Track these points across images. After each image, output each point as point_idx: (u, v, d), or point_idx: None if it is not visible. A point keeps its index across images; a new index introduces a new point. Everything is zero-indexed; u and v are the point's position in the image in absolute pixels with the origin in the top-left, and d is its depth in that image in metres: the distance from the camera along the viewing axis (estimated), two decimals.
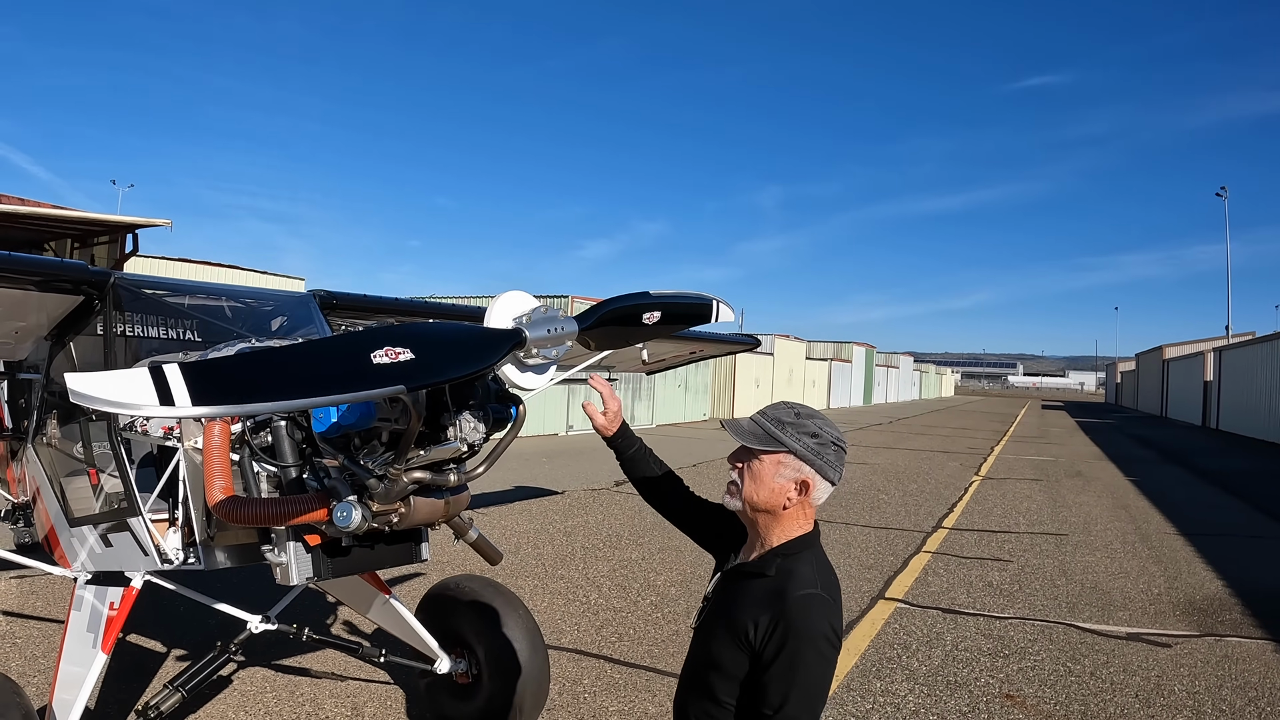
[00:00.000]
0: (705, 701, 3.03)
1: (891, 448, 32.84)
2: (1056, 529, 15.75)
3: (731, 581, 3.14)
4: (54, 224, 23.35)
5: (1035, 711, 7.06)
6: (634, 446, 3.70)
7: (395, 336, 2.88)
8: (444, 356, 3.02)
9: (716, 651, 2.99)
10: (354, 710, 6.69)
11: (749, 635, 2.88)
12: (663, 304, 3.90)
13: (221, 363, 3.08)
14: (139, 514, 4.89)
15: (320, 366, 2.95)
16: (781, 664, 2.81)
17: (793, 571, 2.97)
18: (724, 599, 3.10)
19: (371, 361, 2.80)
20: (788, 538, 3.04)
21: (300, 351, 3.27)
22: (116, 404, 2.53)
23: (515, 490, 17.64)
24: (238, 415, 4.02)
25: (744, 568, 3.11)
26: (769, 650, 2.83)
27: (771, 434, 3.01)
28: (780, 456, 3.00)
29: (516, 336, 3.28)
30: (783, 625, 2.84)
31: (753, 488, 3.02)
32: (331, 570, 4.40)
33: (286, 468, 4.11)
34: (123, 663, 7.13)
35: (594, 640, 8.48)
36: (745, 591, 3.03)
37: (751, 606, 2.94)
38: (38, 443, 6.47)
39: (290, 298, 6.57)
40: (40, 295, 5.38)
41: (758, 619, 2.88)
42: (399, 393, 2.88)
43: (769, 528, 3.06)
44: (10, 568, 9.62)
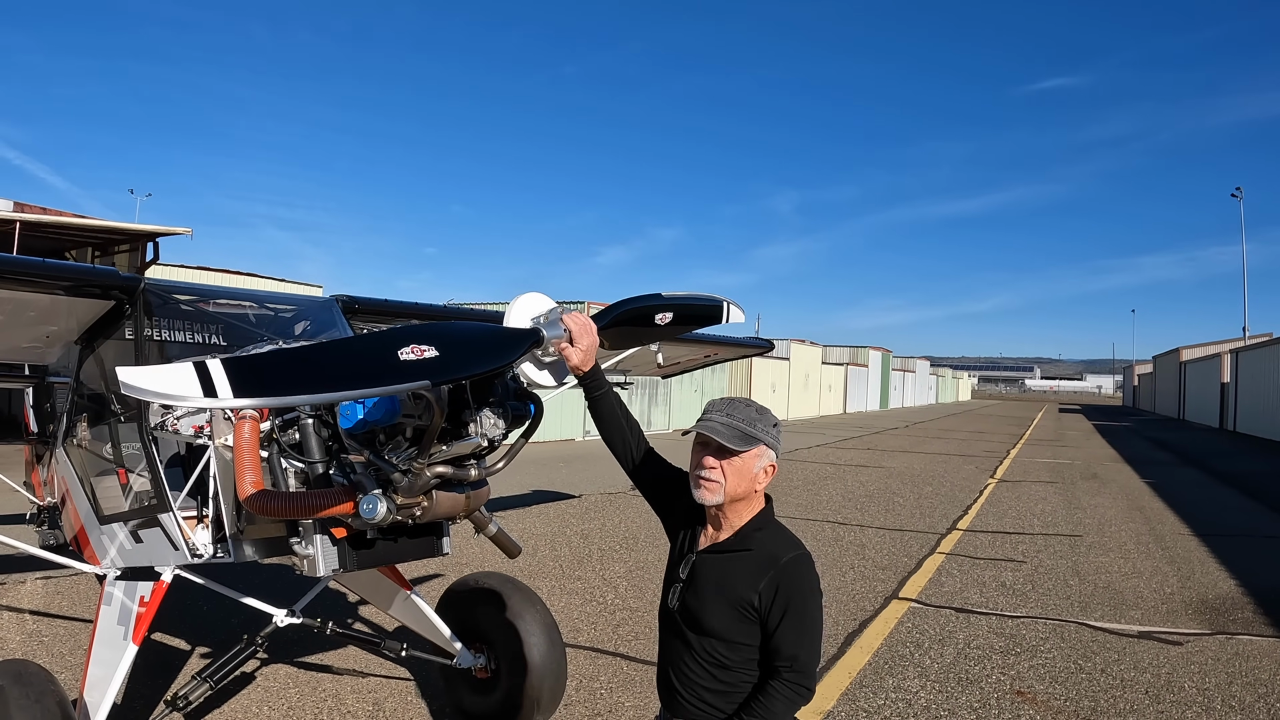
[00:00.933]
0: (713, 669, 3.34)
1: (907, 451, 32.90)
2: (1071, 530, 15.81)
3: (712, 563, 3.42)
4: (75, 233, 23.60)
5: (1045, 707, 7.15)
6: (602, 389, 3.78)
7: (420, 335, 3.05)
8: (466, 354, 3.20)
9: (718, 625, 3.32)
10: (375, 705, 6.83)
11: (754, 605, 3.28)
12: (675, 305, 4.04)
13: (260, 358, 3.25)
14: (170, 510, 5.06)
15: (351, 362, 3.17)
16: (790, 620, 3.25)
17: (771, 541, 3.41)
18: (710, 579, 3.39)
19: (399, 358, 2.98)
20: (753, 514, 3.44)
21: (332, 348, 3.49)
22: (164, 395, 2.73)
23: (533, 494, 17.81)
24: (276, 407, 4.19)
25: (721, 547, 3.43)
26: (775, 611, 3.26)
27: (749, 434, 3.34)
28: (757, 450, 3.36)
29: (534, 335, 3.44)
30: (784, 587, 3.27)
31: (735, 482, 3.35)
32: (356, 562, 4.58)
33: (314, 464, 4.28)
34: (148, 659, 7.29)
35: (610, 638, 8.62)
36: (733, 567, 3.36)
37: (747, 579, 3.31)
38: (68, 445, 6.64)
39: (314, 302, 6.73)
40: (71, 300, 5.53)
41: (758, 588, 3.28)
42: (425, 387, 3.05)
43: (740, 511, 3.43)
44: (37, 568, 9.85)
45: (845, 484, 21.86)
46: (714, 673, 3.33)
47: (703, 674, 3.35)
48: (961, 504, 18.85)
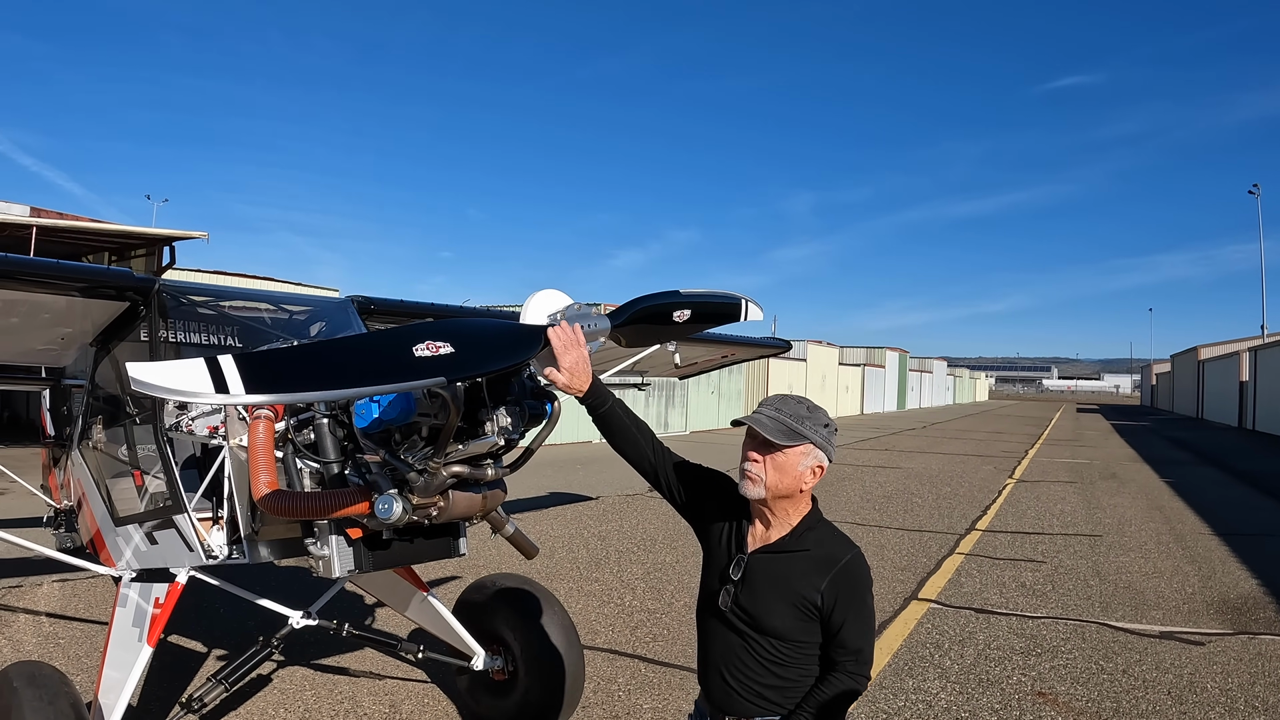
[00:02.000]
0: (773, 667, 3.34)
1: (925, 452, 32.82)
2: (1090, 530, 15.74)
3: (768, 562, 3.39)
4: (92, 237, 23.69)
5: (1067, 709, 7.10)
6: (606, 403, 3.57)
7: (436, 331, 3.03)
8: (482, 350, 3.18)
9: (779, 625, 3.31)
10: (391, 707, 6.83)
11: (817, 604, 3.29)
12: (692, 302, 4.00)
13: (272, 354, 3.22)
14: (185, 511, 5.04)
15: (365, 359, 3.15)
16: (853, 617, 3.30)
17: (826, 540, 3.41)
18: (769, 579, 3.36)
19: (414, 354, 2.96)
20: (803, 514, 3.42)
21: (346, 345, 3.46)
22: (175, 391, 2.70)
23: (550, 496, 17.80)
24: (289, 404, 4.17)
25: (776, 547, 3.40)
26: (839, 610, 3.28)
27: (795, 430, 3.28)
28: (803, 447, 3.30)
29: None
30: (846, 587, 3.30)
31: (777, 478, 3.30)
32: (372, 563, 4.56)
33: (329, 464, 4.25)
34: (164, 660, 7.31)
35: (629, 640, 8.60)
36: (790, 568, 3.35)
37: (808, 579, 3.31)
38: (83, 447, 6.64)
39: (329, 303, 6.73)
40: (85, 302, 5.52)
41: (820, 589, 3.28)
42: (440, 384, 3.03)
43: (787, 510, 3.40)
44: (54, 570, 9.87)
45: (863, 484, 21.80)
46: (773, 669, 3.35)
47: (761, 671, 3.36)
48: (980, 504, 18.78)
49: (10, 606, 9.09)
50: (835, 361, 63.62)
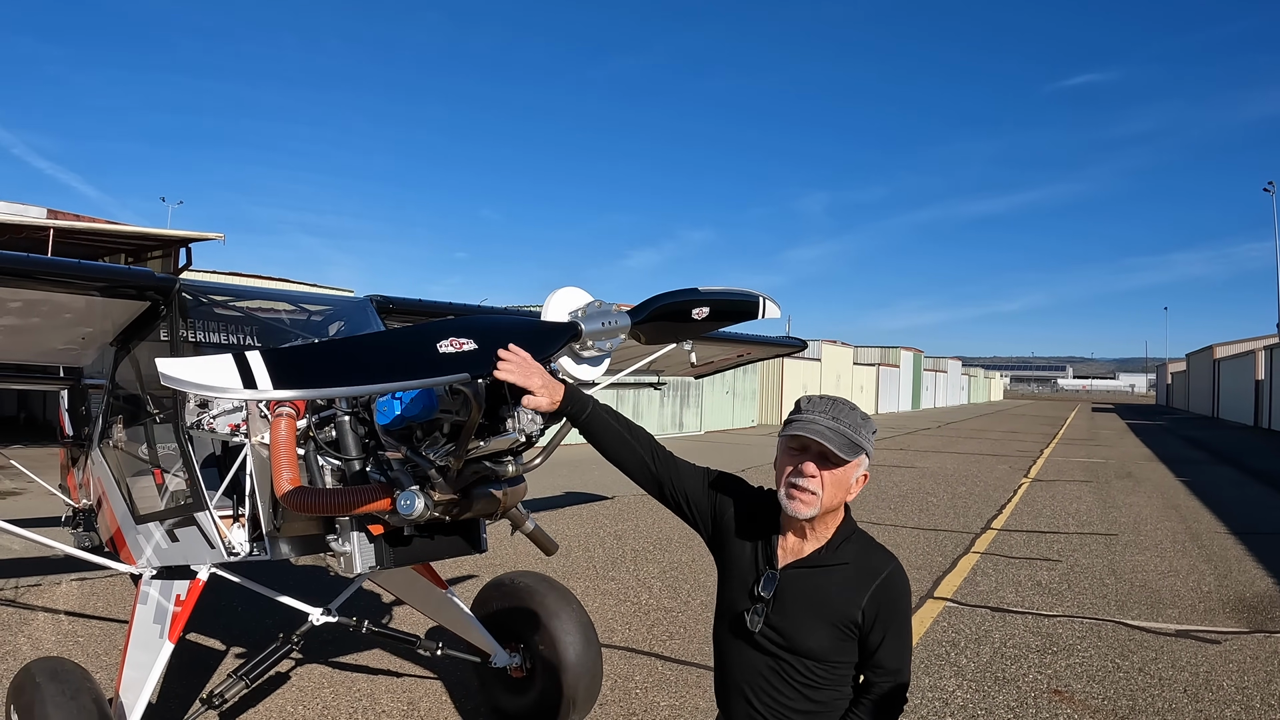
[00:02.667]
0: (806, 689, 3.11)
1: (940, 451, 32.77)
2: (1106, 529, 15.71)
3: (802, 578, 3.15)
4: (108, 239, 23.82)
5: (1083, 707, 7.11)
6: (585, 410, 3.37)
7: (460, 328, 3.06)
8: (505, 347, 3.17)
9: (816, 646, 3.08)
10: (409, 705, 6.88)
11: (857, 622, 3.06)
12: (711, 300, 4.02)
13: (299, 350, 3.26)
14: (206, 508, 5.06)
15: (390, 355, 3.18)
16: (894, 633, 3.09)
17: (865, 552, 3.18)
18: (803, 596, 3.13)
19: (438, 351, 2.99)
20: (838, 523, 3.18)
21: (371, 341, 3.51)
22: (204, 387, 2.73)
23: (565, 496, 17.84)
24: (316, 399, 4.21)
25: (811, 561, 3.16)
26: (879, 627, 3.06)
27: (855, 442, 3.05)
28: (859, 459, 3.09)
29: (573, 329, 3.43)
30: (888, 603, 3.08)
31: (832, 493, 3.06)
32: (393, 559, 4.58)
33: (350, 461, 4.29)
34: (182, 658, 7.36)
35: (645, 639, 8.63)
36: (828, 583, 3.11)
37: (847, 596, 3.08)
38: (104, 446, 6.69)
39: (348, 302, 6.76)
40: (107, 301, 5.55)
41: (861, 606, 3.06)
42: (464, 380, 3.05)
43: (827, 521, 3.15)
44: (73, 570, 9.95)
45: (879, 484, 21.76)
46: (806, 693, 3.11)
47: (793, 695, 3.13)
48: (996, 503, 18.76)
49: (30, 605, 9.16)
50: (849, 361, 63.55)
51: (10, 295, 5.08)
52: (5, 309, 5.29)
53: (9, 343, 6.15)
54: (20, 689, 4.71)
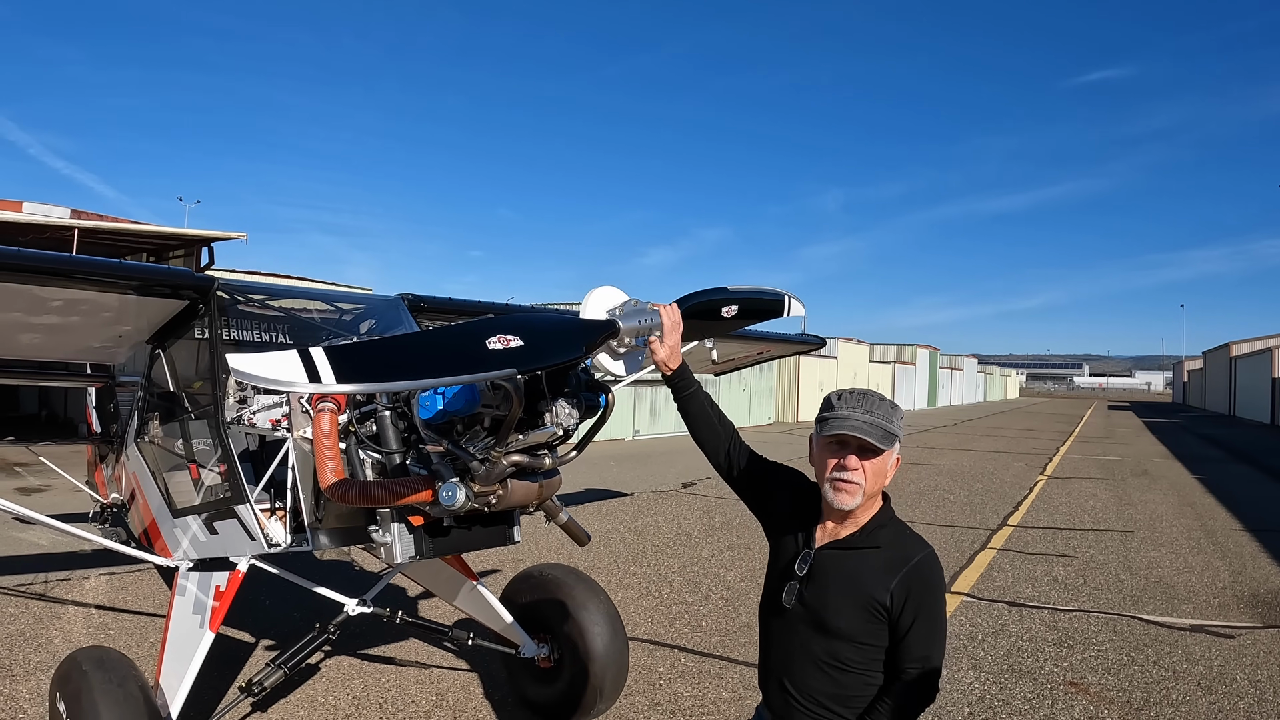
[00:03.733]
0: (834, 671, 3.21)
1: (956, 449, 32.80)
2: (1122, 526, 15.78)
3: (836, 559, 3.28)
4: (132, 238, 24.02)
5: (1098, 698, 7.22)
6: (691, 387, 3.68)
7: (506, 325, 3.22)
8: (550, 343, 3.37)
9: (845, 625, 3.18)
10: (438, 695, 7.03)
11: (886, 605, 3.14)
12: (740, 299, 4.15)
13: (360, 345, 3.41)
14: (247, 501, 5.22)
15: (443, 351, 3.36)
16: (923, 620, 3.14)
17: (898, 538, 3.29)
18: (836, 576, 3.25)
19: (487, 347, 3.15)
20: (876, 509, 3.30)
21: (424, 339, 3.71)
22: (272, 381, 2.91)
23: (586, 492, 17.98)
24: (376, 393, 4.36)
25: (846, 543, 3.28)
26: (908, 612, 3.13)
27: (890, 431, 3.18)
28: (894, 447, 3.23)
29: (610, 326, 3.57)
30: (918, 587, 3.15)
31: (873, 482, 3.20)
32: (432, 549, 4.74)
33: (391, 454, 4.44)
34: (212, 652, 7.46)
35: (668, 631, 8.77)
36: (861, 565, 3.22)
37: (878, 578, 3.17)
38: (139, 442, 6.83)
39: (381, 300, 6.88)
40: (144, 300, 5.69)
41: (890, 588, 3.14)
42: (512, 375, 3.20)
43: (865, 507, 3.27)
44: (101, 564, 10.12)
45: (895, 481, 21.61)
46: (833, 675, 3.21)
47: (822, 678, 3.23)
48: (1012, 500, 18.83)
49: (60, 599, 9.34)
50: (865, 359, 63.49)
51: (52, 295, 5.23)
52: (46, 308, 5.43)
53: (49, 341, 6.29)
54: (66, 677, 4.84)
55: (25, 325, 5.77)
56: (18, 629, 8.31)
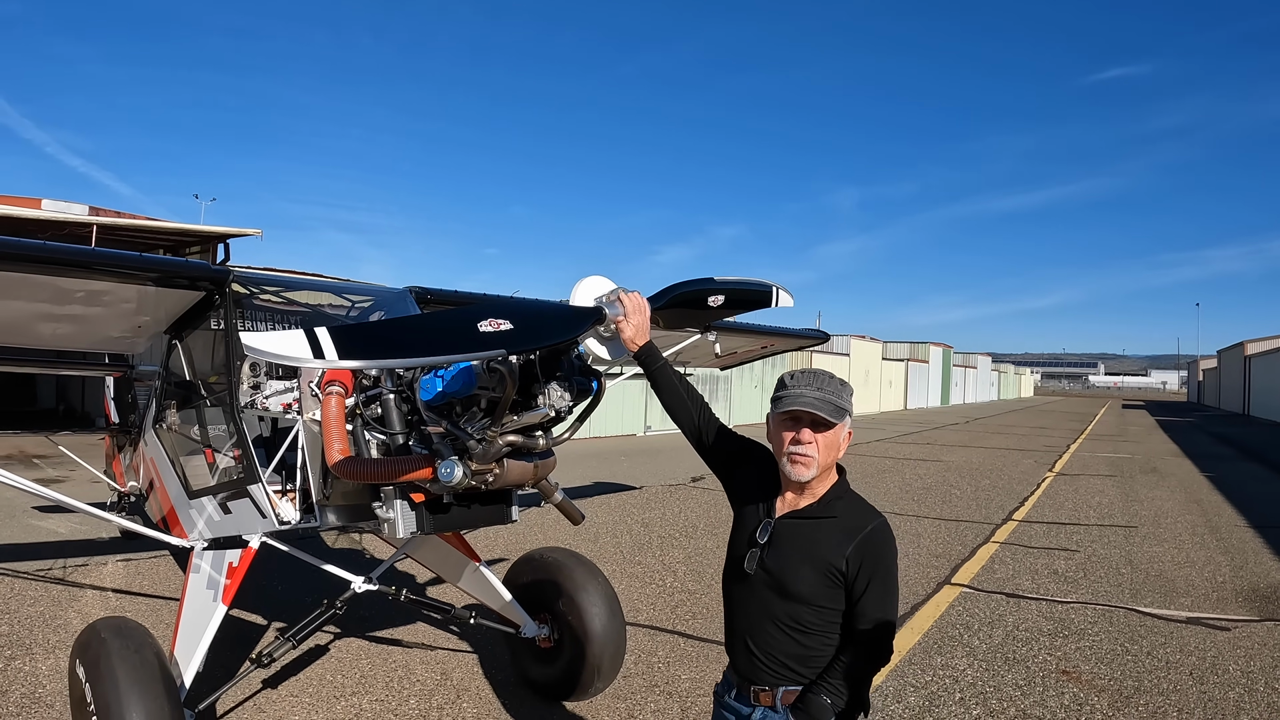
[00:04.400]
0: (794, 633, 3.41)
1: (967, 446, 32.93)
2: (1126, 521, 15.88)
3: (795, 528, 3.48)
4: (149, 235, 24.32)
5: (1090, 686, 7.36)
6: (658, 363, 3.88)
7: (498, 309, 3.46)
8: (538, 327, 3.59)
9: (804, 589, 3.38)
10: (443, 675, 7.24)
11: (842, 570, 3.34)
12: (726, 288, 4.34)
13: (360, 326, 3.65)
14: (259, 480, 5.47)
15: (437, 332, 3.61)
16: (876, 585, 3.34)
17: (853, 508, 3.49)
18: (794, 544, 3.45)
19: (478, 329, 3.38)
20: (832, 482, 3.52)
21: (421, 320, 4.00)
22: (281, 357, 3.16)
23: (594, 486, 18.23)
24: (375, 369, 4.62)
25: (804, 513, 3.49)
26: (862, 577, 3.33)
27: (840, 405, 3.41)
28: (844, 421, 3.44)
29: (597, 313, 3.77)
30: (871, 553, 3.35)
31: (826, 454, 3.41)
32: (433, 525, 4.99)
33: (394, 435, 4.69)
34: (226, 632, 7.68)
35: (669, 618, 8.95)
36: (819, 534, 3.42)
37: (833, 545, 3.37)
38: (157, 429, 7.08)
39: (389, 293, 7.10)
40: (164, 291, 5.93)
41: (846, 554, 3.34)
42: (501, 355, 3.46)
43: (821, 480, 3.48)
44: (119, 551, 10.37)
45: (903, 477, 22.03)
46: (795, 637, 3.40)
47: (783, 639, 3.42)
48: (1018, 496, 18.96)
49: (78, 583, 9.58)
50: (878, 357, 63.50)
51: (76, 286, 5.46)
52: (70, 298, 5.66)
53: (73, 330, 6.51)
54: (86, 645, 5.06)
55: (50, 315, 6.00)
56: (37, 611, 8.55)
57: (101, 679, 4.74)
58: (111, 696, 4.64)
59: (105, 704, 4.64)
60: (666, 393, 3.92)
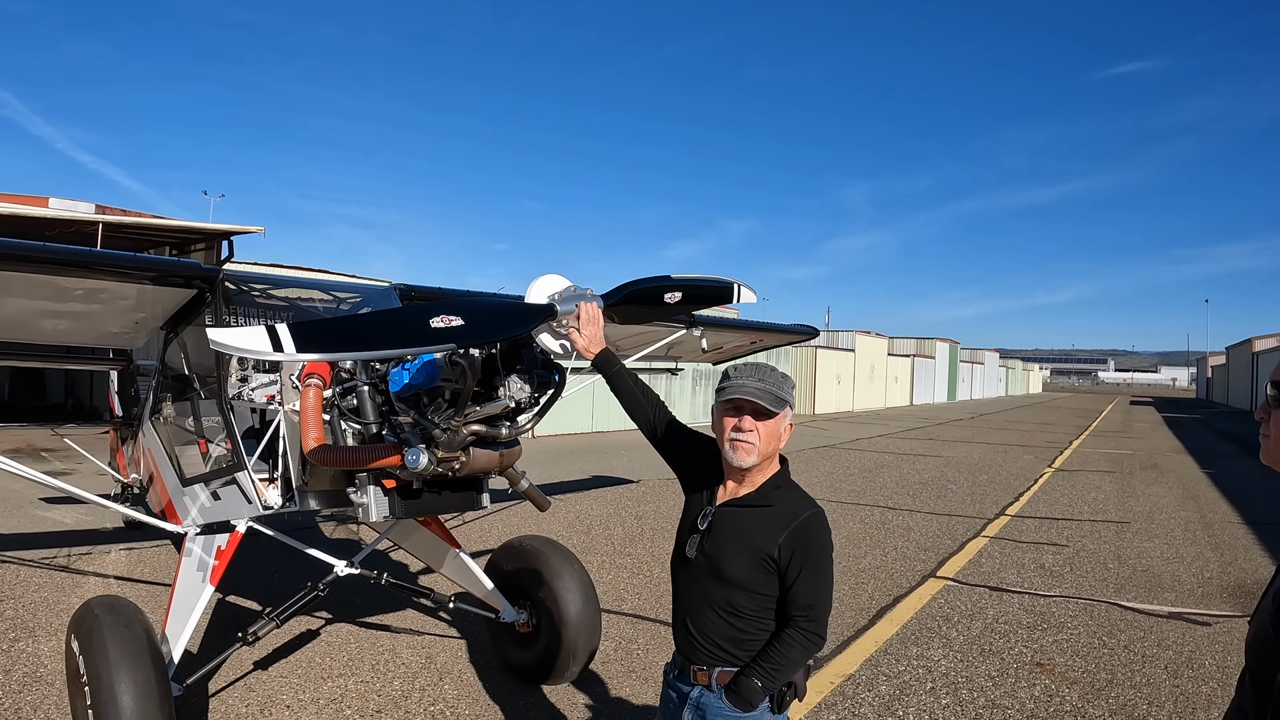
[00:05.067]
0: (729, 616, 3.57)
1: (968, 441, 33.07)
2: (1119, 517, 16.00)
3: (732, 516, 3.64)
4: (154, 232, 24.63)
5: (1062, 678, 7.49)
6: (614, 368, 4.08)
7: (450, 307, 3.70)
8: (487, 323, 3.82)
9: (738, 574, 3.54)
10: (428, 658, 7.49)
11: (774, 557, 3.50)
12: (684, 285, 4.55)
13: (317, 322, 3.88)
14: (245, 468, 5.75)
15: (391, 328, 3.88)
16: (808, 573, 3.49)
17: (789, 498, 3.65)
18: (731, 531, 3.61)
19: (430, 325, 3.61)
20: (772, 472, 3.70)
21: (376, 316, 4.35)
22: (244, 350, 3.42)
23: (592, 479, 18.44)
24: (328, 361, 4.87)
25: (742, 501, 3.66)
26: (794, 565, 3.48)
27: (781, 396, 3.59)
28: (785, 411, 3.62)
29: (549, 310, 3.99)
30: (803, 542, 3.50)
31: (767, 443, 3.58)
32: (404, 510, 5.26)
33: (368, 424, 4.96)
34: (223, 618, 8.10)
35: (653, 607, 9.15)
36: (754, 522, 3.59)
37: (767, 533, 3.53)
38: (155, 421, 7.36)
39: (374, 289, 7.38)
40: (158, 289, 6.18)
41: (778, 543, 3.50)
42: (451, 349, 3.80)
43: (761, 468, 3.65)
44: (121, 540, 10.62)
45: (901, 472, 22.19)
46: (730, 620, 3.55)
47: (719, 622, 3.57)
48: (1014, 491, 19.11)
49: (81, 570, 9.83)
50: (884, 352, 63.56)
51: (74, 284, 5.70)
52: (70, 296, 5.90)
53: (74, 326, 6.76)
54: (80, 620, 5.31)
55: (51, 312, 6.25)
56: (41, 596, 8.81)
57: (94, 652, 4.97)
58: (103, 668, 4.87)
59: (97, 675, 4.87)
60: (623, 394, 4.13)
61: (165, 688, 4.98)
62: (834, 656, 7.80)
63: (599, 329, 4.07)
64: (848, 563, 11.47)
